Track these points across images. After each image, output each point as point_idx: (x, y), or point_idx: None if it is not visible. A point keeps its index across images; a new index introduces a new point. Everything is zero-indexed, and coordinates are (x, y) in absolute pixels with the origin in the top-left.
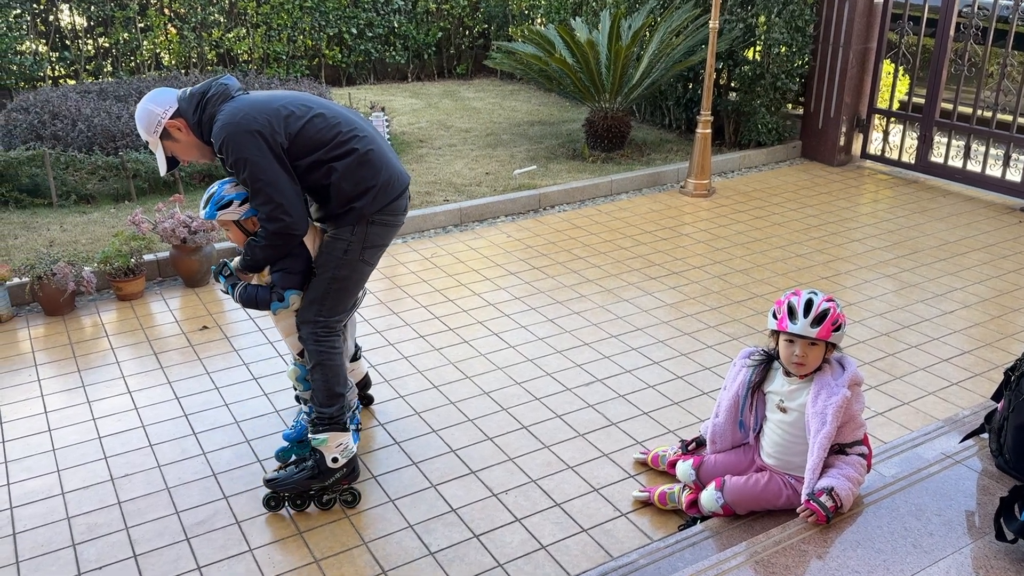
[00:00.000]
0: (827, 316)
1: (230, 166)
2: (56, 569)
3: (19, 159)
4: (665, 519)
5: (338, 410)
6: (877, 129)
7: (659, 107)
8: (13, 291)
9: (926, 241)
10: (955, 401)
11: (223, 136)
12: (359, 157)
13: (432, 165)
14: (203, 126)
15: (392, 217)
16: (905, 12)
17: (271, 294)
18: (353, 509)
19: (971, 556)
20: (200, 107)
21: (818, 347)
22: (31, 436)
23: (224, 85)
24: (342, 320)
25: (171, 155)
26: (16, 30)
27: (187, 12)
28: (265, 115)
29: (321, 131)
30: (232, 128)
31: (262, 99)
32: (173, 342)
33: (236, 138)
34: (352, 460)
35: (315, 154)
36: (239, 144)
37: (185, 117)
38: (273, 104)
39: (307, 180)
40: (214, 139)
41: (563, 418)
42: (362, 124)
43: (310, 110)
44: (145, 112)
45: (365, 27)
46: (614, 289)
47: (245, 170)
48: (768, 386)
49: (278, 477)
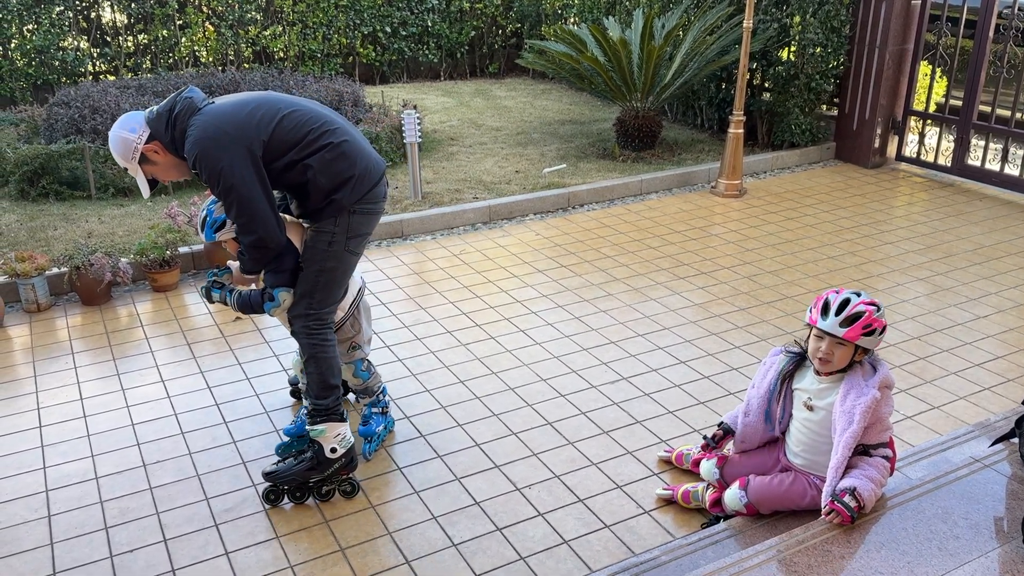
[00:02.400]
0: (859, 318)
1: (205, 180)
2: (89, 551)
3: (60, 152)
4: (688, 517)
5: (334, 401)
6: (913, 131)
7: (691, 107)
8: (52, 281)
9: (961, 245)
10: (986, 406)
11: (196, 151)
12: (333, 150)
13: (462, 163)
14: (177, 143)
15: (372, 205)
16: (943, 13)
17: (263, 295)
18: (377, 501)
19: (998, 560)
20: (170, 125)
21: (846, 347)
22: (67, 422)
23: (189, 99)
24: (333, 312)
25: (151, 177)
26: (59, 27)
27: (225, 10)
28: (235, 125)
29: (291, 130)
30: (204, 143)
31: (230, 108)
32: (206, 333)
33: (208, 152)
34: (350, 450)
35: (289, 154)
36: (211, 158)
37: (159, 138)
38: (242, 112)
39: (284, 180)
40: (187, 155)
41: (588, 415)
42: (332, 117)
43: (279, 111)
44: (119, 140)
45: (399, 26)
46: (642, 288)
47: (219, 184)
48: (798, 382)
49: (278, 470)
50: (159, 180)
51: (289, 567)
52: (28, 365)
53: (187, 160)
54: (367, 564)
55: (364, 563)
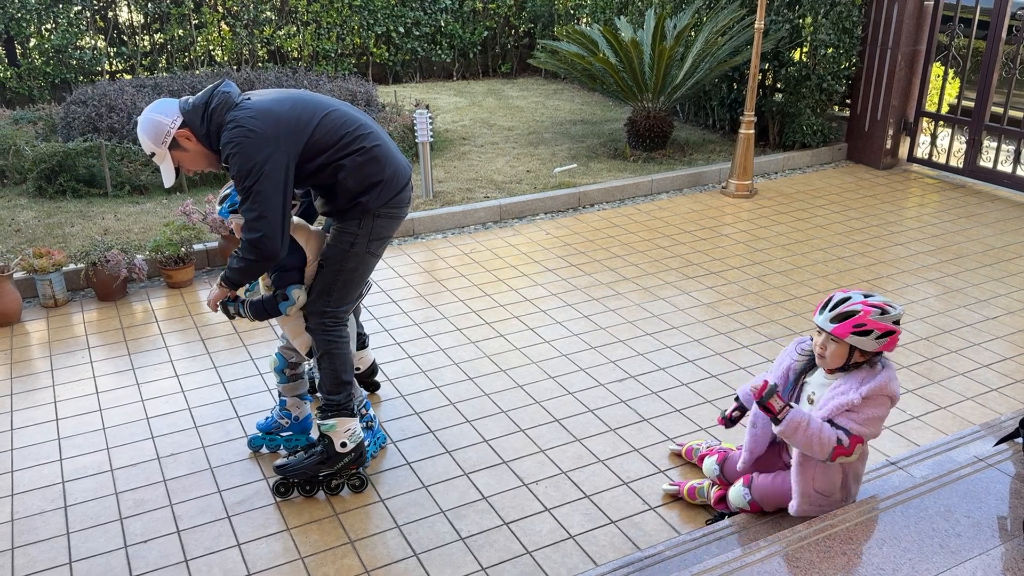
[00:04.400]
0: (851, 317)
1: (234, 174)
2: (104, 541)
3: (77, 150)
4: (693, 514)
5: (345, 397)
6: (925, 132)
7: (703, 107)
8: (69, 276)
9: (972, 246)
10: (994, 407)
11: (233, 146)
12: (365, 154)
13: (474, 162)
14: (211, 136)
15: (396, 210)
16: (956, 14)
17: (275, 297)
18: (387, 494)
19: (999, 558)
20: (206, 118)
21: (839, 345)
22: (83, 415)
23: (226, 93)
24: (349, 311)
25: (177, 165)
26: (76, 26)
27: (240, 10)
28: (275, 124)
29: (328, 133)
30: (242, 138)
31: (268, 105)
32: (220, 329)
33: (244, 149)
34: (360, 445)
35: (323, 156)
36: (247, 155)
37: (192, 127)
38: (281, 110)
39: (315, 179)
40: (222, 148)
41: (595, 412)
42: (365, 120)
43: (316, 112)
44: (152, 122)
45: (412, 26)
46: (651, 287)
47: (248, 178)
48: (808, 379)
49: (288, 463)
50: (183, 169)
51: (300, 558)
52: (45, 359)
53: (220, 152)
54: (376, 556)
55: (373, 555)
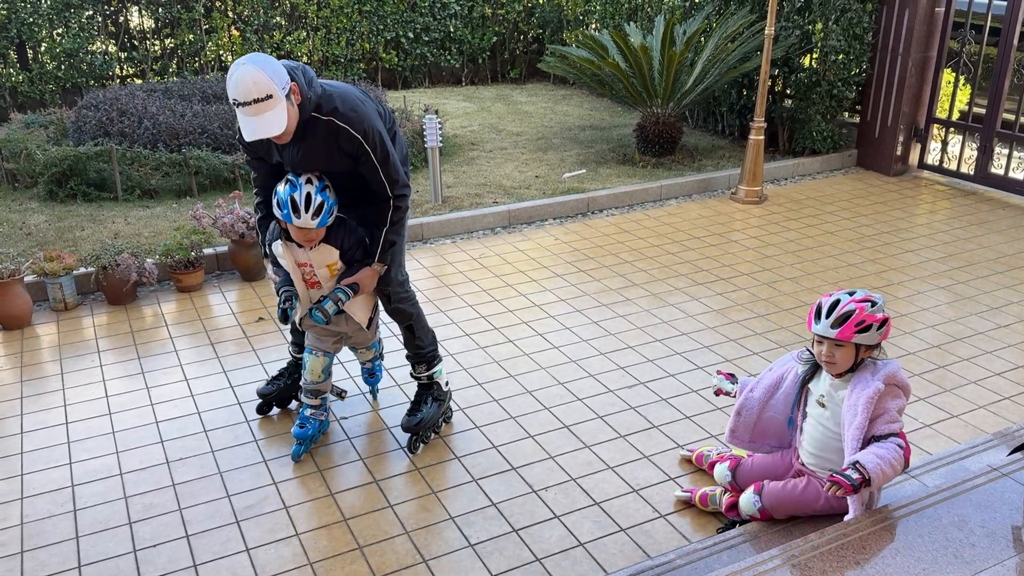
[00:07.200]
0: (850, 317)
1: (369, 147)
2: (113, 545)
3: (88, 154)
4: (704, 522)
5: (434, 344)
6: (935, 139)
7: (712, 113)
8: (79, 280)
9: (983, 253)
10: (1006, 415)
11: (359, 116)
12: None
13: (483, 167)
14: (307, 104)
15: None
16: (967, 20)
17: (349, 288)
18: (396, 500)
19: (1015, 569)
20: (309, 86)
21: (845, 347)
22: (93, 419)
23: (310, 71)
24: None
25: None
26: (88, 31)
27: (250, 15)
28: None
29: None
30: (365, 110)
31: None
32: (229, 333)
33: (371, 119)
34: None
35: None
36: (375, 128)
37: (301, 90)
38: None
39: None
40: (342, 117)
41: (604, 419)
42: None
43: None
44: (276, 67)
45: (421, 31)
46: (660, 293)
47: (379, 150)
48: (814, 385)
49: (422, 418)
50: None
51: (308, 564)
52: (55, 363)
53: (336, 122)
54: (385, 563)
55: (382, 561)
